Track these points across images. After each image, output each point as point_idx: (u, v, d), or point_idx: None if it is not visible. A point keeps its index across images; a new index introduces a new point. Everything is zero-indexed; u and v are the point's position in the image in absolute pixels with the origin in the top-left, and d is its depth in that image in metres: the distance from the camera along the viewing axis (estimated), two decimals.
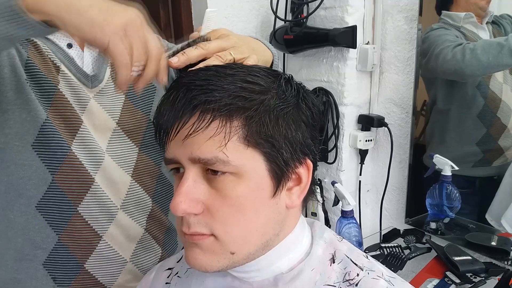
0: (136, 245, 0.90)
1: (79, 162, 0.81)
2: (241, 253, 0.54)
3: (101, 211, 0.84)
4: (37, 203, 0.81)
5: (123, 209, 0.87)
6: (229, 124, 0.50)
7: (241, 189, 0.52)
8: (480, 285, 1.09)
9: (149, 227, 0.93)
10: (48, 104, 0.79)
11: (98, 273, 0.86)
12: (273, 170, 0.53)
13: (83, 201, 0.83)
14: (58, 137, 0.79)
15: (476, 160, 1.39)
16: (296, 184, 0.57)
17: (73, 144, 0.81)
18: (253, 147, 0.51)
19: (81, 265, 0.85)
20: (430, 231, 1.40)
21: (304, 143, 0.55)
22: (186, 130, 0.51)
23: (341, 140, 1.47)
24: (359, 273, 0.57)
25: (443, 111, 1.43)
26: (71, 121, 0.81)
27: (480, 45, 1.26)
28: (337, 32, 1.36)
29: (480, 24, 1.35)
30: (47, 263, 0.84)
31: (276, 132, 0.52)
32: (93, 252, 0.85)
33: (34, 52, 0.80)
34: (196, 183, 0.52)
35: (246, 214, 0.53)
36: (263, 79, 0.54)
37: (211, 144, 0.50)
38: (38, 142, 0.79)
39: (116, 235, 0.87)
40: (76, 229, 0.83)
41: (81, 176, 0.82)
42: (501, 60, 1.24)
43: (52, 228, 0.83)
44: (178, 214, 0.52)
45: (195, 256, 0.54)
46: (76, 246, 0.84)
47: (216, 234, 0.53)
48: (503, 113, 1.33)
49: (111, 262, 0.87)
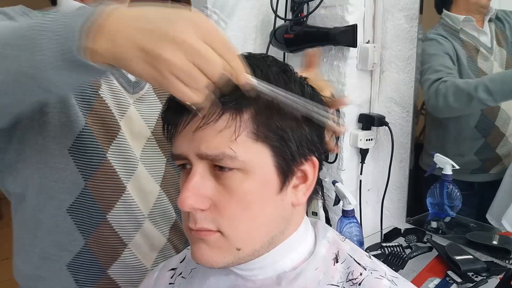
0: (158, 254, 0.91)
1: (113, 170, 0.81)
2: (247, 249, 0.54)
3: (129, 219, 0.85)
4: (68, 207, 0.81)
5: (150, 219, 0.88)
6: (239, 117, 0.50)
7: (248, 185, 0.52)
8: (482, 284, 1.09)
9: (171, 237, 0.93)
10: (87, 110, 0.79)
11: (120, 280, 0.87)
12: (279, 165, 0.53)
13: (113, 209, 0.83)
14: (95, 144, 0.80)
15: (474, 168, 1.39)
16: (302, 182, 0.57)
17: (109, 151, 0.81)
18: (262, 141, 0.51)
19: (105, 270, 0.85)
20: (431, 230, 1.40)
21: (310, 139, 0.55)
22: (195, 123, 0.50)
23: (342, 140, 1.47)
24: (362, 273, 0.57)
25: (440, 124, 1.43)
26: (109, 127, 0.81)
27: (452, 92, 1.27)
28: (337, 31, 1.36)
29: (481, 27, 1.34)
30: (71, 265, 0.84)
31: (284, 124, 0.52)
32: (118, 260, 0.85)
33: None
34: (203, 179, 0.52)
35: (253, 210, 0.52)
36: (272, 71, 0.53)
37: (220, 139, 0.50)
38: (74, 147, 0.79)
39: (140, 244, 0.87)
40: (103, 236, 0.84)
41: (113, 183, 0.82)
42: (471, 109, 1.30)
43: (80, 232, 0.83)
44: (185, 209, 0.52)
45: (201, 251, 0.54)
46: (102, 252, 0.84)
47: (222, 230, 0.53)
48: (502, 121, 1.33)
49: (133, 270, 0.87)
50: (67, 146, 0.79)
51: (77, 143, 0.79)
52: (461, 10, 1.35)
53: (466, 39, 1.35)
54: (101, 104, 0.81)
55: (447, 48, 1.34)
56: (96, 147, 0.80)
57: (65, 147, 0.79)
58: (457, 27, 1.35)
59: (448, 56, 1.33)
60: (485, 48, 1.34)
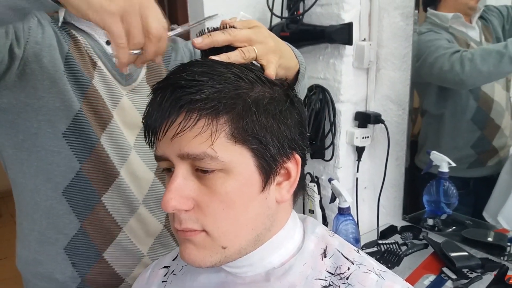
0: (154, 240, 0.93)
1: (106, 155, 0.84)
2: (233, 248, 0.54)
3: (123, 203, 0.87)
4: (64, 189, 0.84)
5: (145, 205, 0.90)
6: (215, 122, 0.51)
7: (230, 185, 0.52)
8: (476, 280, 1.09)
9: (168, 224, 0.95)
10: (82, 96, 0.82)
11: (116, 263, 0.89)
12: (261, 165, 0.53)
13: (107, 192, 0.86)
14: (89, 129, 0.82)
15: (470, 161, 1.39)
16: (286, 179, 0.57)
17: (102, 136, 0.84)
18: (241, 144, 0.52)
19: (100, 253, 0.88)
20: (427, 227, 1.40)
21: (291, 138, 0.55)
22: (173, 130, 0.51)
23: (338, 137, 1.47)
24: (350, 267, 0.57)
25: (436, 117, 1.43)
26: (101, 115, 0.84)
27: (478, 54, 1.24)
28: (333, 29, 1.36)
29: (469, 23, 1.34)
30: (68, 248, 0.87)
31: (263, 128, 0.52)
32: (113, 242, 0.88)
33: (74, 47, 0.83)
34: (186, 180, 0.53)
35: (236, 209, 0.53)
36: (249, 75, 0.54)
37: (199, 140, 0.51)
38: (69, 131, 0.82)
39: (135, 228, 0.90)
40: (99, 218, 0.86)
41: (107, 168, 0.85)
42: (502, 69, 1.23)
43: (75, 214, 0.86)
44: (168, 210, 0.53)
45: (188, 251, 0.55)
46: (97, 234, 0.87)
47: (207, 230, 0.53)
48: (497, 113, 1.33)
49: (128, 254, 0.90)
50: (62, 130, 0.81)
51: (72, 127, 0.82)
52: (450, 8, 1.35)
53: (456, 34, 1.35)
54: (94, 92, 0.83)
55: (445, 35, 1.34)
56: (89, 131, 0.82)
57: (60, 131, 0.81)
58: (446, 24, 1.35)
59: (448, 41, 1.33)
60: (475, 42, 1.35)
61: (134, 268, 0.91)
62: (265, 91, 0.54)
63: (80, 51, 0.84)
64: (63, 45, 0.82)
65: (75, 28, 0.86)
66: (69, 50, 0.82)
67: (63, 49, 0.82)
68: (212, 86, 0.51)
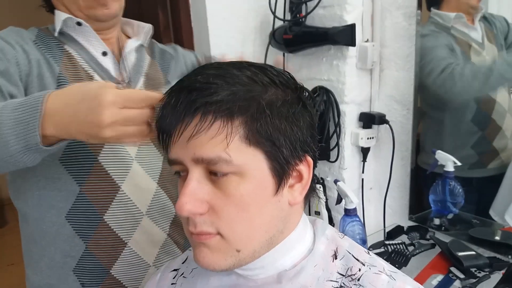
0: (159, 250, 0.94)
1: (105, 172, 0.84)
2: (247, 251, 0.55)
3: (126, 218, 0.87)
4: (66, 214, 0.85)
5: (148, 215, 0.90)
6: (230, 124, 0.51)
7: (245, 188, 0.52)
8: (485, 279, 1.09)
9: (172, 232, 0.96)
10: None
11: (123, 278, 0.89)
12: (274, 168, 0.54)
13: (109, 209, 0.86)
14: (85, 150, 0.83)
15: (471, 162, 1.39)
16: (298, 181, 0.57)
17: (100, 154, 0.84)
18: (255, 146, 0.52)
19: (107, 271, 0.88)
20: (433, 227, 1.40)
21: (303, 140, 0.55)
22: (188, 132, 0.51)
23: (343, 138, 1.47)
24: (360, 268, 0.58)
25: (437, 118, 1.43)
26: None
27: (469, 70, 1.26)
28: (336, 31, 1.36)
29: (472, 24, 1.35)
30: (76, 270, 0.88)
31: (276, 130, 0.52)
32: (118, 259, 0.88)
33: (67, 64, 0.83)
34: (200, 184, 0.53)
35: (250, 212, 0.53)
36: (262, 78, 0.54)
37: (214, 144, 0.51)
38: (65, 156, 0.82)
39: (140, 240, 0.90)
40: (103, 237, 0.86)
41: (107, 185, 0.85)
42: (491, 85, 1.28)
43: (80, 237, 0.86)
44: (183, 214, 0.53)
45: (203, 255, 0.55)
46: (103, 253, 0.87)
47: (222, 233, 0.54)
48: (498, 114, 1.33)
49: (135, 267, 0.90)
50: (58, 156, 0.82)
51: (68, 152, 0.82)
52: (452, 8, 1.36)
53: (458, 35, 1.35)
54: None
55: (445, 40, 1.34)
56: (86, 152, 0.83)
57: (56, 157, 0.82)
58: (448, 24, 1.35)
59: (447, 48, 1.34)
60: (477, 43, 1.35)
61: (142, 280, 0.91)
62: (278, 93, 0.54)
63: (75, 66, 0.83)
64: (53, 67, 0.81)
65: (70, 39, 0.86)
66: (61, 71, 0.81)
67: (53, 71, 0.81)
68: (226, 88, 0.51)
